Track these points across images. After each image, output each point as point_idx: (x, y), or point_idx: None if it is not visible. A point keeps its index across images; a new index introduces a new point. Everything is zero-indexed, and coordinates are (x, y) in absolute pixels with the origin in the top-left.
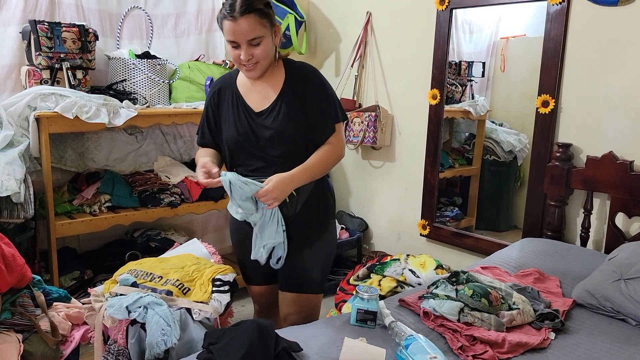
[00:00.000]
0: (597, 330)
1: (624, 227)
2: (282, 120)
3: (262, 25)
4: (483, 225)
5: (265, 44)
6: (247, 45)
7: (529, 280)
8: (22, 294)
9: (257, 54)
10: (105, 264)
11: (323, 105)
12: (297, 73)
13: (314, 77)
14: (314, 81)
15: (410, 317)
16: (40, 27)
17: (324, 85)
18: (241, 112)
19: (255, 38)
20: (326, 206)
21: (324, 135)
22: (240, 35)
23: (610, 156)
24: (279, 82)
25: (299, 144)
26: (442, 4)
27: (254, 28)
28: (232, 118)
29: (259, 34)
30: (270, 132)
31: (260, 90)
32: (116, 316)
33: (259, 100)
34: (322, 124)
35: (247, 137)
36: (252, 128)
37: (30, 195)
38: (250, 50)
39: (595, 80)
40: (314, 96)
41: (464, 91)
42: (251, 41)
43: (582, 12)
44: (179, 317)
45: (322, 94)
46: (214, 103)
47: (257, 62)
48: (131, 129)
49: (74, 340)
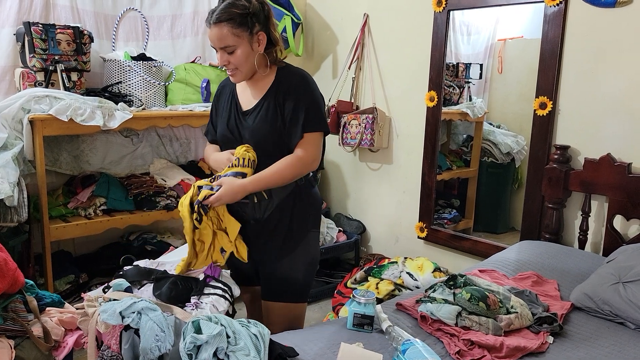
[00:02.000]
0: (595, 334)
1: (622, 230)
2: (258, 122)
3: (234, 35)
4: (481, 228)
5: (241, 52)
6: (222, 51)
7: (527, 283)
8: (15, 299)
9: (232, 61)
10: (101, 267)
11: (298, 110)
12: (285, 78)
13: (300, 82)
14: (297, 86)
15: (407, 321)
16: (35, 29)
17: (308, 92)
18: (232, 109)
19: (227, 47)
20: (304, 214)
21: (291, 141)
22: (213, 42)
23: (608, 158)
24: (267, 85)
25: (273, 147)
26: (439, 6)
27: (223, 37)
28: (225, 114)
29: (230, 43)
30: (247, 131)
31: (251, 91)
32: (110, 322)
33: (247, 100)
34: (291, 128)
35: (232, 134)
36: (237, 125)
37: (24, 199)
38: (225, 56)
39: (593, 82)
40: (292, 100)
41: (462, 93)
42: (224, 49)
43: (580, 13)
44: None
45: (302, 99)
46: (217, 99)
47: (235, 68)
48: (127, 132)
49: (67, 345)
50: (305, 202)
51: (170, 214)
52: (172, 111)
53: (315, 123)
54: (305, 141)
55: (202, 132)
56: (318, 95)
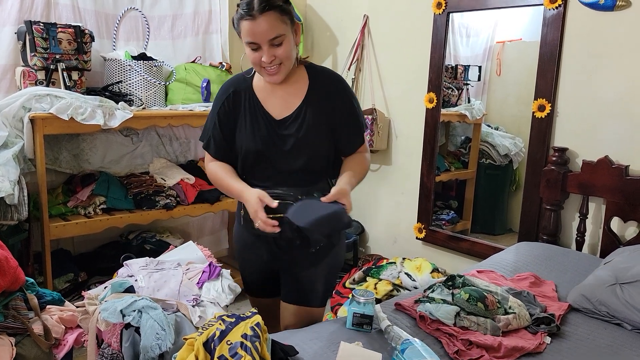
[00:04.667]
0: (592, 335)
1: (619, 232)
2: (308, 128)
3: (283, 23)
4: (478, 229)
5: (288, 43)
6: (269, 45)
7: (524, 284)
8: (15, 297)
9: (279, 55)
10: (100, 266)
11: (354, 113)
12: (321, 79)
13: (341, 86)
14: (342, 91)
15: (406, 321)
16: (36, 28)
17: (353, 94)
18: (260, 120)
19: (277, 37)
20: None
21: (353, 145)
22: (261, 35)
23: (605, 161)
24: (302, 88)
25: (321, 155)
26: (439, 8)
27: (275, 26)
28: (250, 127)
29: (281, 32)
30: (292, 140)
31: (281, 95)
32: (110, 320)
33: (280, 106)
34: (353, 133)
35: (268, 148)
36: (272, 138)
37: (24, 197)
38: (272, 50)
39: (592, 84)
40: (344, 105)
41: (460, 95)
42: (273, 40)
43: (579, 16)
44: (174, 321)
45: (352, 103)
46: (228, 107)
47: (280, 63)
48: (127, 131)
49: (67, 343)
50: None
51: (169, 213)
52: (172, 111)
53: (365, 127)
54: (365, 143)
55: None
56: (354, 94)
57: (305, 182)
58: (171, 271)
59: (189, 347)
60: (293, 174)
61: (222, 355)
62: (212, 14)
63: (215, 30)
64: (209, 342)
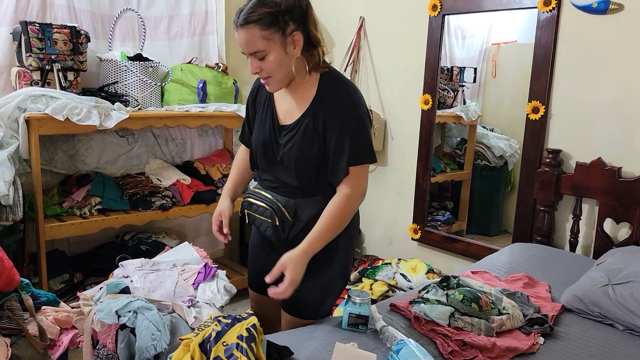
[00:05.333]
0: (585, 335)
1: (612, 233)
2: (293, 147)
3: (264, 39)
4: (474, 230)
5: (273, 57)
6: (252, 57)
7: (518, 285)
8: (10, 298)
9: (264, 68)
10: (95, 267)
11: (344, 140)
12: (329, 91)
13: (346, 100)
14: (342, 107)
15: (401, 322)
16: (31, 28)
17: (355, 115)
18: (268, 118)
19: (256, 52)
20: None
21: (335, 175)
22: (241, 47)
23: (599, 162)
24: (307, 99)
25: (309, 175)
26: (434, 10)
27: (252, 41)
28: (260, 122)
29: (260, 47)
30: (281, 150)
31: (291, 100)
32: (106, 321)
33: (287, 112)
34: (336, 161)
35: (267, 151)
36: (271, 141)
37: (19, 198)
38: (256, 63)
39: (585, 87)
40: (337, 126)
41: (456, 96)
42: (254, 54)
43: (572, 20)
44: (169, 322)
45: (347, 126)
46: (252, 100)
47: (268, 76)
48: (122, 132)
49: (63, 344)
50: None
51: (165, 214)
52: (168, 111)
53: (362, 155)
54: (351, 176)
55: (197, 132)
56: (365, 116)
57: (296, 192)
58: (167, 272)
59: (184, 347)
60: (285, 182)
61: (217, 356)
62: (208, 15)
63: (211, 31)
64: (205, 343)
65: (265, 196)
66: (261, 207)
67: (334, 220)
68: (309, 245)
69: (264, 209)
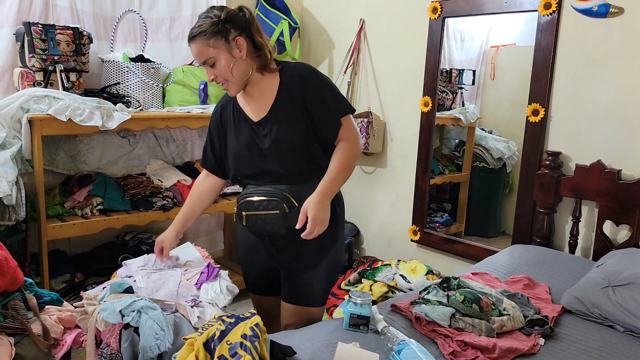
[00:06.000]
0: (585, 337)
1: (612, 235)
2: (280, 127)
3: (208, 47)
4: (472, 231)
5: (222, 62)
6: (206, 67)
7: (518, 286)
8: (14, 297)
9: (217, 73)
10: (96, 267)
11: (325, 97)
12: (291, 77)
13: (309, 76)
14: (309, 80)
15: (402, 322)
16: (34, 29)
17: (322, 80)
18: (242, 123)
19: (206, 60)
20: (335, 218)
21: (332, 131)
22: (195, 59)
23: (598, 165)
24: (273, 90)
25: (301, 153)
26: (434, 13)
27: (201, 52)
28: (235, 132)
29: (208, 55)
30: (269, 139)
31: (258, 99)
32: (109, 320)
33: (257, 109)
34: (326, 119)
35: (249, 149)
36: (253, 138)
37: (22, 198)
38: (210, 70)
39: (585, 89)
40: (314, 95)
41: (455, 98)
42: (205, 63)
43: (572, 23)
44: (173, 321)
45: (321, 85)
46: (218, 122)
47: (224, 80)
48: (124, 132)
49: (66, 343)
50: (336, 204)
51: (166, 215)
52: (170, 113)
53: (344, 104)
54: (344, 126)
55: (198, 133)
56: (328, 79)
57: (293, 180)
58: (169, 272)
59: (189, 347)
60: (279, 173)
61: (222, 355)
62: None
63: None
64: (209, 342)
65: (265, 190)
66: (265, 201)
67: (343, 164)
68: (325, 187)
69: (269, 201)
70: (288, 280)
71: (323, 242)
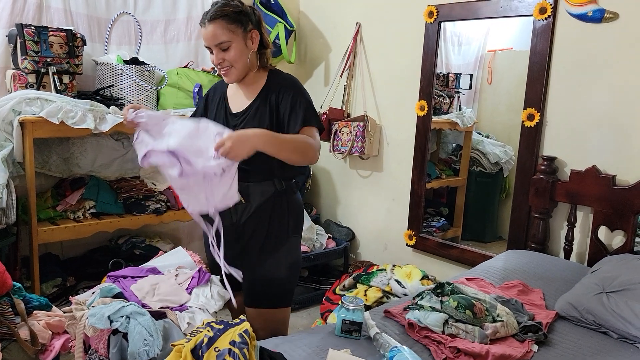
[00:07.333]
0: (579, 343)
1: (606, 240)
2: (248, 123)
3: (229, 31)
4: (469, 236)
5: (236, 48)
6: (217, 49)
7: (513, 292)
8: (2, 302)
9: (228, 58)
10: (89, 271)
11: (296, 105)
12: (277, 83)
13: (291, 86)
14: (290, 90)
15: (395, 328)
16: (27, 31)
17: (301, 94)
18: (221, 111)
19: (222, 42)
20: (283, 220)
21: (289, 130)
22: (208, 40)
23: (593, 170)
24: (257, 89)
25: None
26: (430, 17)
27: (220, 33)
28: (215, 116)
29: (225, 38)
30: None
31: (242, 93)
32: (98, 326)
33: (238, 102)
34: (290, 119)
35: None
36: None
37: (13, 201)
38: (220, 54)
39: (580, 95)
40: (289, 96)
41: (452, 103)
42: (219, 45)
43: (567, 28)
44: (162, 327)
45: (298, 96)
46: (205, 101)
47: (230, 66)
48: (117, 135)
49: (54, 349)
50: (285, 208)
51: (159, 218)
52: None
53: (313, 118)
54: (308, 132)
55: None
56: (308, 95)
57: (248, 177)
58: (160, 277)
59: (176, 353)
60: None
61: None
62: None
63: None
64: (197, 349)
65: None
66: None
67: (296, 140)
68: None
69: None
70: (244, 283)
71: (267, 243)
